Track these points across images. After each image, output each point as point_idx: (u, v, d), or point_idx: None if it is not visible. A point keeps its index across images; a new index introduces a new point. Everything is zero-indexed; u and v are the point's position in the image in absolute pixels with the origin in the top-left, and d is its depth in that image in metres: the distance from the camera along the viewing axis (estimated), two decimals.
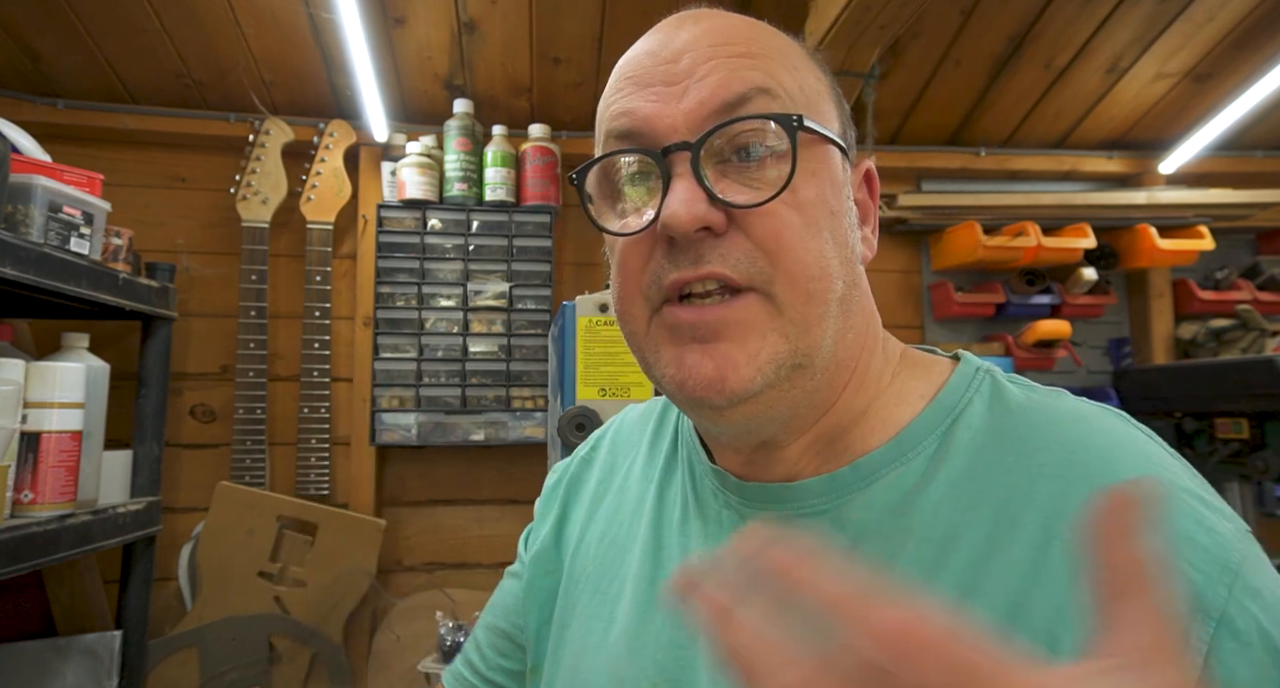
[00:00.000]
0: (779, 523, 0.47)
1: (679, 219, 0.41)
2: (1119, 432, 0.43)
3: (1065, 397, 0.46)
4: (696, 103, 0.43)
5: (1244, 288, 2.13)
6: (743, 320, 0.42)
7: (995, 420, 0.45)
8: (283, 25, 1.64)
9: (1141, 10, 1.70)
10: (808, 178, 0.44)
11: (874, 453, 0.46)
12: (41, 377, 1.15)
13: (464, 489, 1.92)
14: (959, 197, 2.05)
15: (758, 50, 0.45)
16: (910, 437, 0.46)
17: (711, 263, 0.42)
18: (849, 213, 0.47)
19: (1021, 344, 2.03)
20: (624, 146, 0.45)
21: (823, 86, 0.48)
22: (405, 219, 1.86)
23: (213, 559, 1.65)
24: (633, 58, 0.48)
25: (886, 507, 0.44)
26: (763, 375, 0.42)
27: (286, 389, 1.85)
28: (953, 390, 0.47)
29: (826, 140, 0.45)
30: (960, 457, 0.44)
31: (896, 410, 0.48)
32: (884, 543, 0.43)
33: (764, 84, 0.43)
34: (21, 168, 1.16)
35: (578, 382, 1.13)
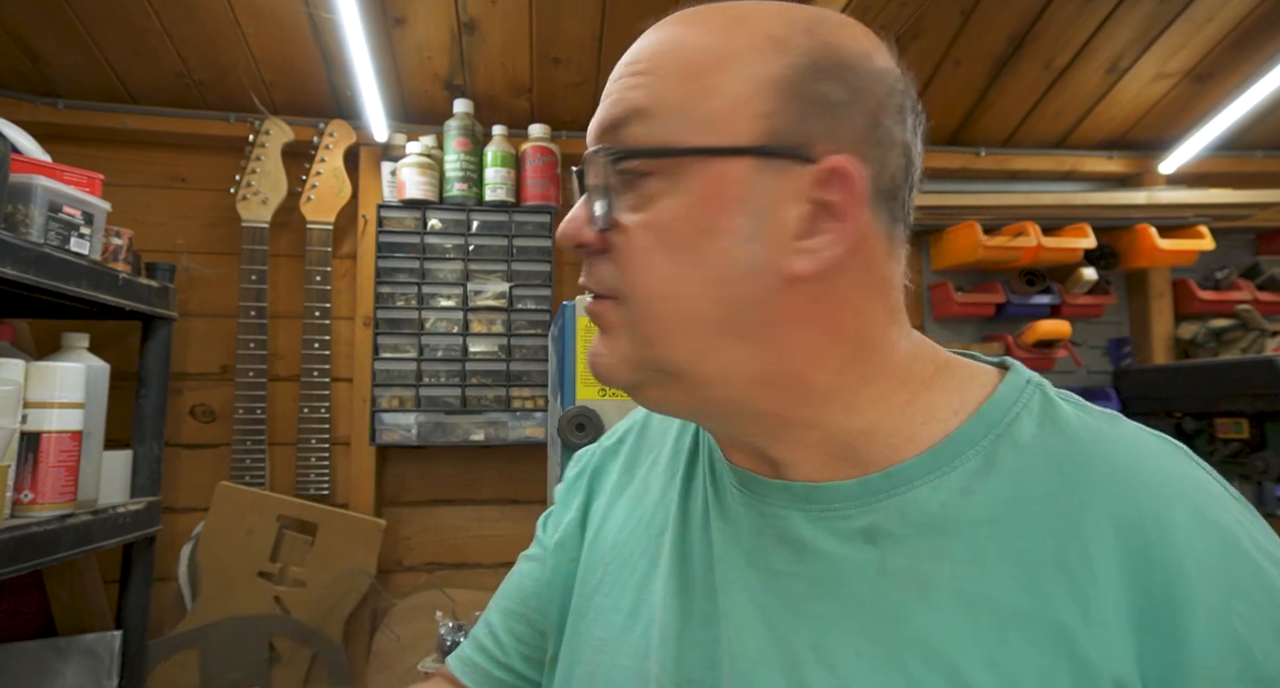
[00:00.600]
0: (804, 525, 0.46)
1: (560, 237, 0.48)
2: (1176, 469, 0.41)
3: (1121, 423, 0.44)
4: (596, 123, 0.47)
5: (1244, 288, 2.13)
6: (606, 318, 0.47)
7: (1046, 441, 0.43)
8: (283, 25, 1.64)
9: (1141, 10, 1.70)
10: (676, 197, 0.43)
11: (907, 463, 0.44)
12: (41, 377, 1.15)
13: (464, 489, 1.92)
14: (959, 197, 2.05)
15: (655, 66, 0.45)
16: (949, 449, 0.44)
17: (588, 277, 0.49)
18: (741, 228, 0.42)
19: (1021, 344, 2.03)
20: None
21: (749, 86, 0.43)
22: (405, 219, 1.86)
23: (213, 559, 1.65)
24: None
25: (922, 522, 0.43)
26: (622, 372, 0.47)
27: (286, 389, 1.85)
28: (998, 404, 0.45)
29: (714, 153, 0.42)
30: (1005, 477, 0.42)
31: (924, 428, 0.46)
32: (918, 561, 0.42)
33: (641, 104, 0.44)
34: (21, 168, 1.16)
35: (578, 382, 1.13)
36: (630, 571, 0.54)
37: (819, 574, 0.45)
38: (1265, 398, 1.65)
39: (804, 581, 0.45)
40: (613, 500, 0.60)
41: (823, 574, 0.45)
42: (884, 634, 0.41)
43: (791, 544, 0.46)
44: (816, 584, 0.45)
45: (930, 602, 0.41)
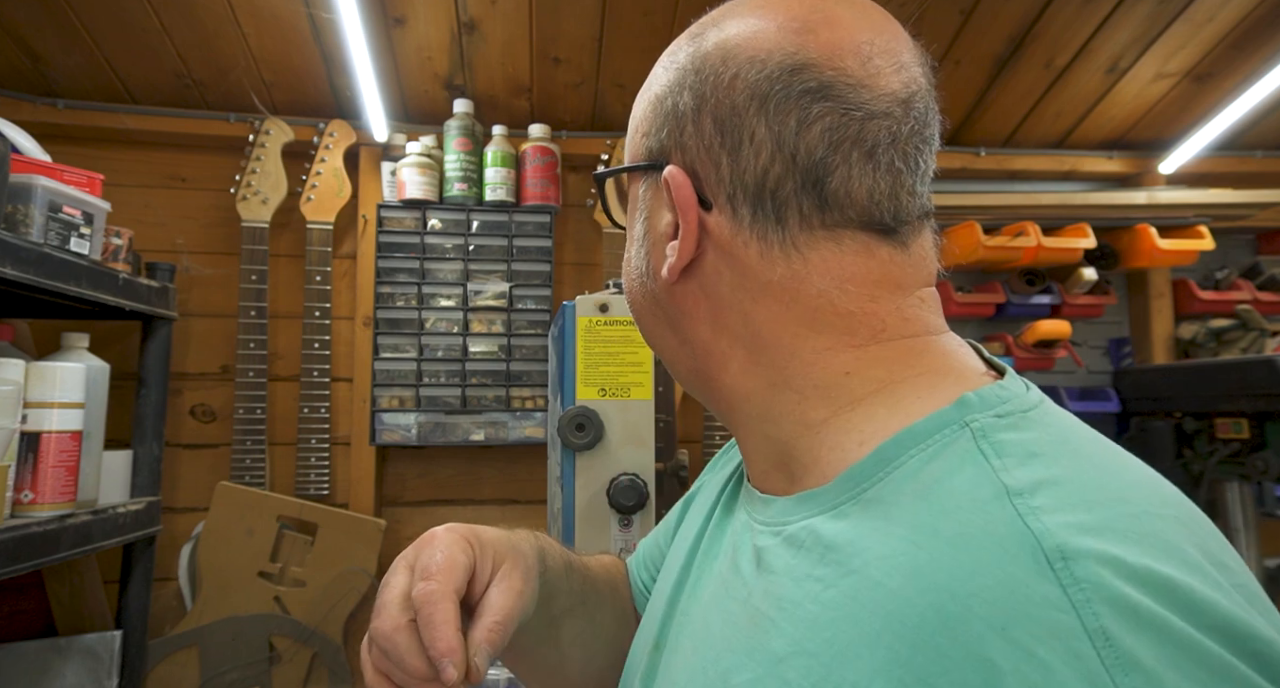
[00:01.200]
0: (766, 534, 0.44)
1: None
2: (982, 583, 0.30)
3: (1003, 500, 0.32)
4: None
5: (1244, 288, 2.13)
6: None
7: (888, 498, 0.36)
8: (283, 25, 1.64)
9: (1141, 10, 1.70)
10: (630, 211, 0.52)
11: (809, 492, 0.41)
12: (41, 377, 1.15)
13: (464, 489, 1.92)
14: (959, 196, 2.05)
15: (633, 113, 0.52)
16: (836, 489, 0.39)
17: None
18: (637, 234, 0.51)
19: (1021, 344, 2.03)
20: None
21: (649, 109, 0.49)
22: (405, 219, 1.86)
23: (213, 559, 1.65)
24: None
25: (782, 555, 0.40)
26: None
27: (286, 389, 1.85)
28: (900, 442, 0.38)
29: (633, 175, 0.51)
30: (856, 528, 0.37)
31: (830, 454, 0.41)
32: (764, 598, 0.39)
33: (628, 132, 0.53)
34: (21, 168, 1.16)
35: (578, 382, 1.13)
36: (667, 572, 0.57)
37: (730, 591, 0.44)
38: (1265, 398, 1.65)
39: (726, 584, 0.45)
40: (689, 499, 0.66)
41: (730, 591, 0.44)
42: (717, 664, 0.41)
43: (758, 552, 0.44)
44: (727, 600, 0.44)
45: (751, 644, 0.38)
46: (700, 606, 0.48)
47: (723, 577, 0.46)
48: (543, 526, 1.88)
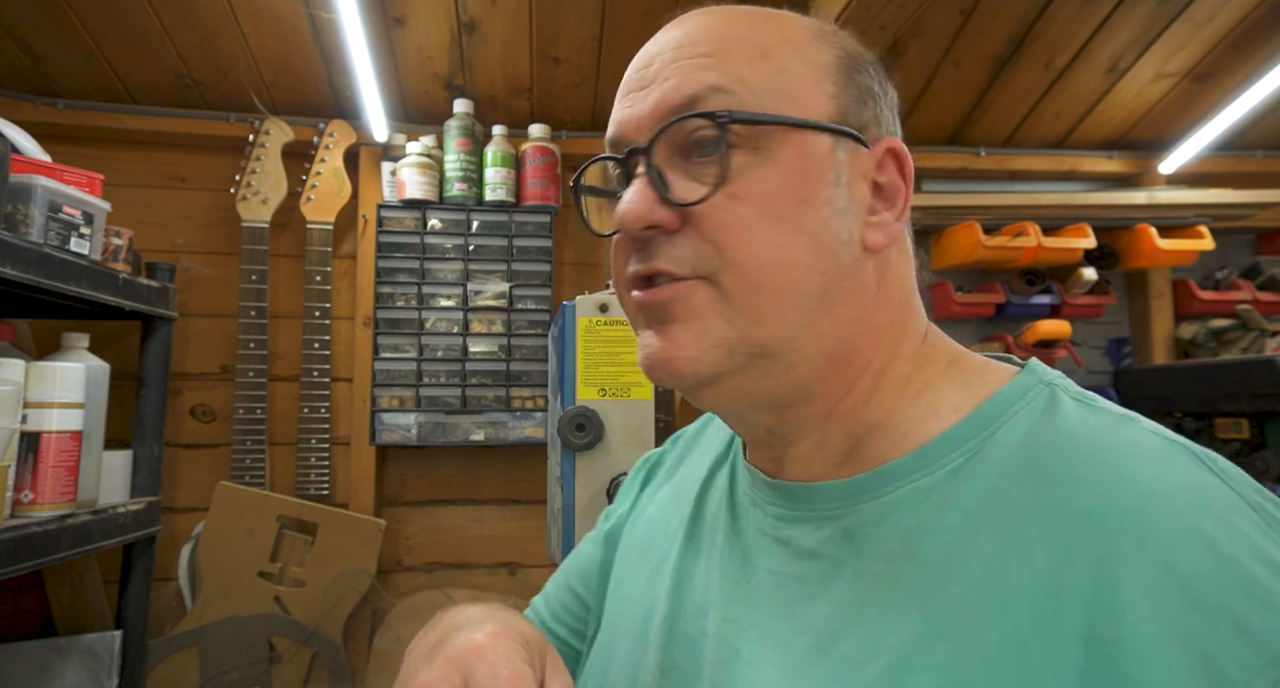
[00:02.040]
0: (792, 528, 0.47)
1: (624, 220, 0.44)
2: (1175, 475, 0.37)
3: (1128, 424, 0.41)
4: (653, 105, 0.45)
5: (1244, 288, 2.13)
6: (687, 301, 0.43)
7: (1036, 441, 0.41)
8: (283, 25, 1.64)
9: (1141, 10, 1.70)
10: (767, 168, 0.43)
11: (896, 462, 0.44)
12: (41, 377, 1.15)
13: (464, 489, 1.92)
14: (959, 197, 2.05)
15: (720, 48, 0.44)
16: (938, 448, 0.43)
17: (658, 259, 0.44)
18: (834, 200, 0.44)
19: (1021, 344, 2.03)
20: (609, 153, 0.48)
21: (816, 68, 0.45)
22: (405, 219, 1.86)
23: (213, 559, 1.65)
24: (628, 69, 0.50)
25: (898, 520, 0.42)
26: (710, 359, 0.43)
27: (286, 389, 1.85)
28: (999, 402, 0.43)
29: (798, 127, 0.43)
30: (986, 478, 0.40)
31: (924, 425, 0.45)
32: (888, 562, 0.41)
33: (718, 82, 0.43)
34: (21, 168, 1.16)
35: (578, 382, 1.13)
36: (645, 562, 0.56)
37: (801, 575, 0.45)
38: (1265, 398, 1.65)
39: (788, 581, 0.45)
40: (653, 493, 0.63)
41: (804, 574, 0.45)
42: (847, 633, 0.41)
43: (785, 544, 0.47)
44: (797, 585, 0.45)
45: (895, 603, 0.40)
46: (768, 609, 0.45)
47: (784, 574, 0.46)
48: (543, 525, 1.88)
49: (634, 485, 0.67)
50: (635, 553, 0.59)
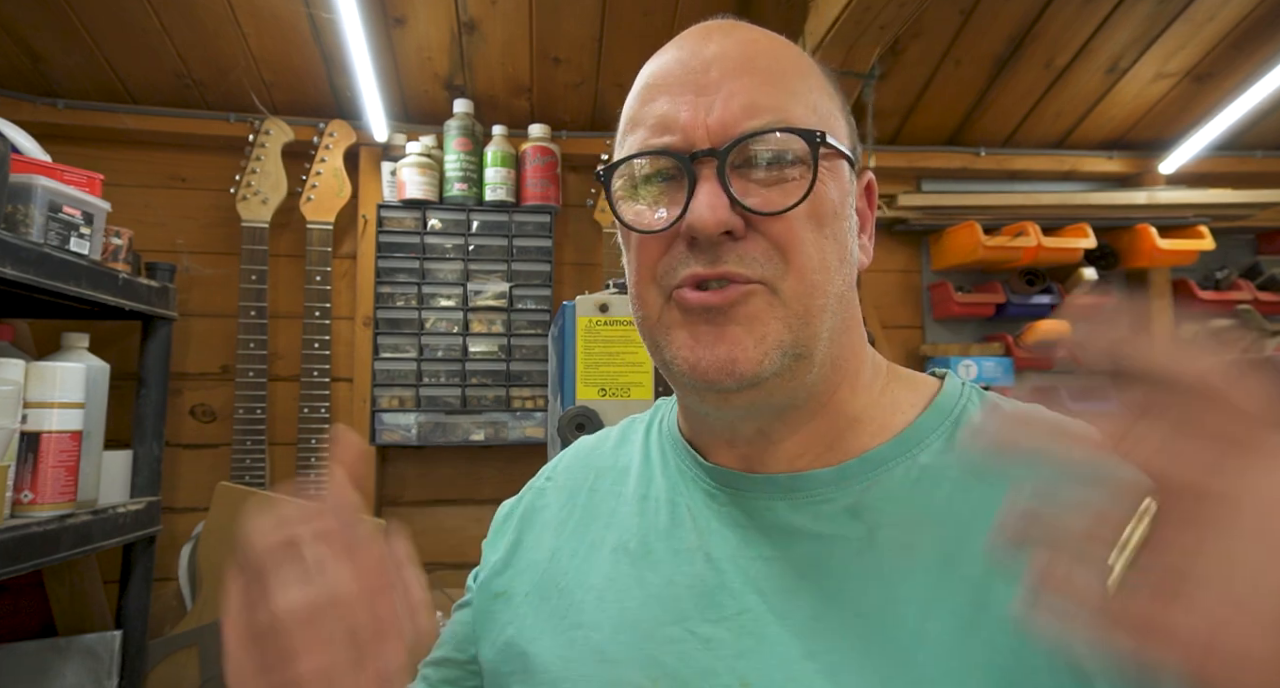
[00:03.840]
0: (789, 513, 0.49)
1: (705, 222, 0.45)
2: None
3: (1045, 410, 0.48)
4: (722, 120, 0.46)
5: (1244, 288, 2.12)
6: (749, 305, 0.46)
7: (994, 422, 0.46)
8: (283, 25, 1.64)
9: (1141, 10, 1.70)
10: (826, 185, 0.48)
11: (879, 448, 0.50)
12: (41, 377, 1.15)
13: (464, 489, 1.92)
14: (959, 197, 2.05)
15: (778, 75, 0.48)
16: (914, 435, 0.50)
17: (728, 263, 0.46)
18: (850, 219, 0.51)
19: (1021, 344, 2.03)
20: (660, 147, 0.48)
21: (835, 105, 0.52)
22: (405, 219, 1.86)
23: (213, 559, 1.65)
24: (663, 66, 0.50)
25: (901, 496, 0.47)
26: (770, 360, 0.46)
27: (286, 389, 1.85)
28: (948, 397, 0.52)
29: (839, 154, 0.50)
30: (964, 454, 0.48)
31: (893, 417, 0.52)
32: (903, 530, 0.46)
33: (785, 109, 0.47)
34: (21, 168, 1.16)
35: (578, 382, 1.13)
36: (586, 589, 0.54)
37: (810, 555, 0.48)
38: None
39: (797, 562, 0.48)
40: (558, 531, 0.59)
41: (814, 554, 0.47)
42: (879, 595, 0.44)
43: (779, 531, 0.49)
44: (810, 563, 0.47)
45: (919, 564, 0.45)
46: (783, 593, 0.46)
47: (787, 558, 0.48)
48: None
49: (503, 536, 0.63)
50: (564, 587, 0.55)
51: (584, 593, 0.54)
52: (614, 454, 0.63)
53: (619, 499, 0.58)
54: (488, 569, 0.62)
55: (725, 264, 0.46)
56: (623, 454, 0.62)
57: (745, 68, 0.48)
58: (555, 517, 0.61)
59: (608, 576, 0.54)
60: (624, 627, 0.51)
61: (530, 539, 0.61)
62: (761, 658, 0.45)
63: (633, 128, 0.50)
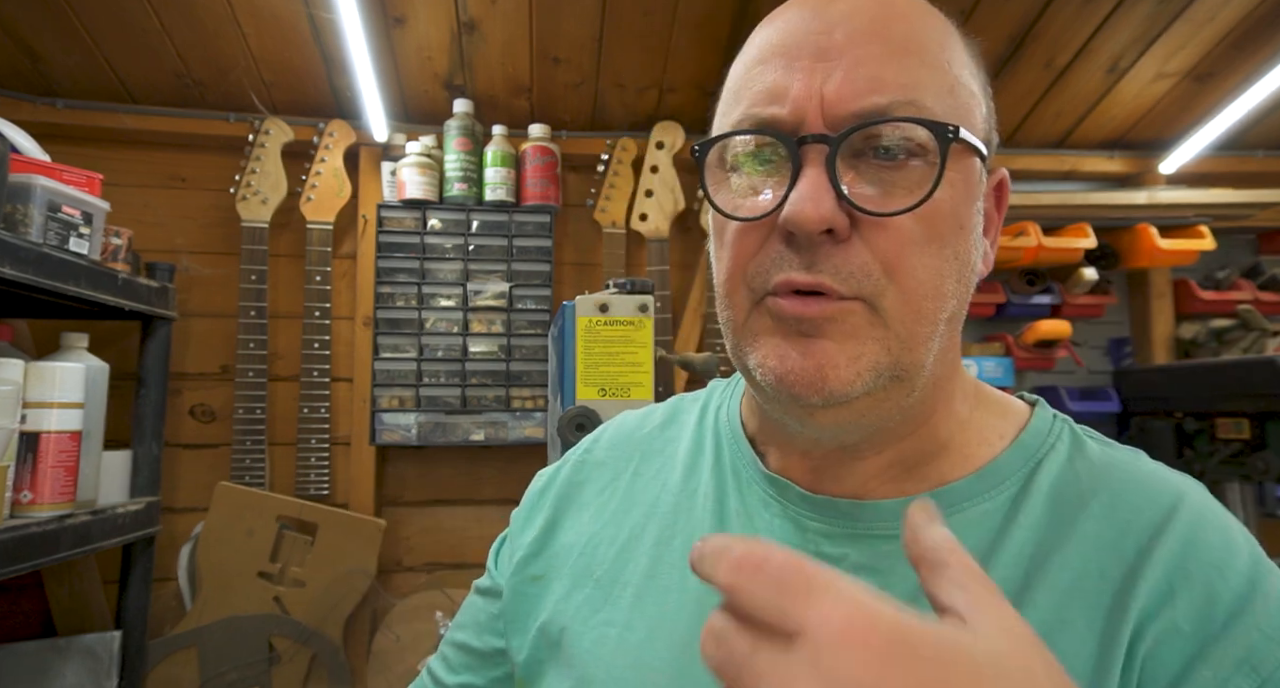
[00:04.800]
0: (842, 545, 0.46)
1: (806, 218, 0.39)
2: (1202, 499, 0.44)
3: (1143, 457, 0.47)
4: (840, 94, 0.40)
5: (1245, 288, 2.12)
6: (846, 321, 0.41)
7: (1079, 470, 0.45)
8: (283, 25, 1.64)
9: (1141, 10, 1.70)
10: (945, 189, 0.41)
11: (956, 484, 0.45)
12: (41, 377, 1.15)
13: (464, 489, 1.92)
14: None
15: (915, 45, 0.41)
16: (994, 473, 0.46)
17: (824, 273, 0.40)
18: (976, 226, 0.44)
19: (1022, 344, 2.03)
20: (764, 123, 0.42)
21: (976, 85, 0.44)
22: (405, 219, 1.86)
23: (212, 559, 1.65)
24: (782, 26, 0.43)
25: (966, 540, 0.42)
26: (862, 380, 0.41)
27: (286, 389, 1.85)
28: (1035, 434, 0.47)
29: (972, 151, 0.42)
30: (1041, 501, 0.44)
31: (978, 449, 0.47)
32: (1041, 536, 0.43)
33: (916, 88, 0.40)
34: (21, 168, 1.16)
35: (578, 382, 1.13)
36: (625, 582, 0.51)
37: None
38: (1266, 398, 1.65)
39: None
40: (598, 513, 0.56)
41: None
42: None
43: (830, 561, 0.45)
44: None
45: None
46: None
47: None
48: None
49: (540, 511, 0.60)
50: (599, 576, 0.53)
51: (621, 589, 0.51)
52: (660, 436, 0.58)
53: (663, 488, 0.54)
54: (523, 551, 0.58)
55: (822, 273, 0.40)
56: (670, 437, 0.58)
57: (877, 33, 0.41)
58: (595, 497, 0.57)
59: (647, 572, 0.51)
60: (660, 632, 0.48)
61: (569, 520, 0.57)
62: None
63: (737, 97, 0.44)
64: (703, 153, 0.45)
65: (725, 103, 0.46)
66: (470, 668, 0.59)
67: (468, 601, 0.62)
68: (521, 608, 0.56)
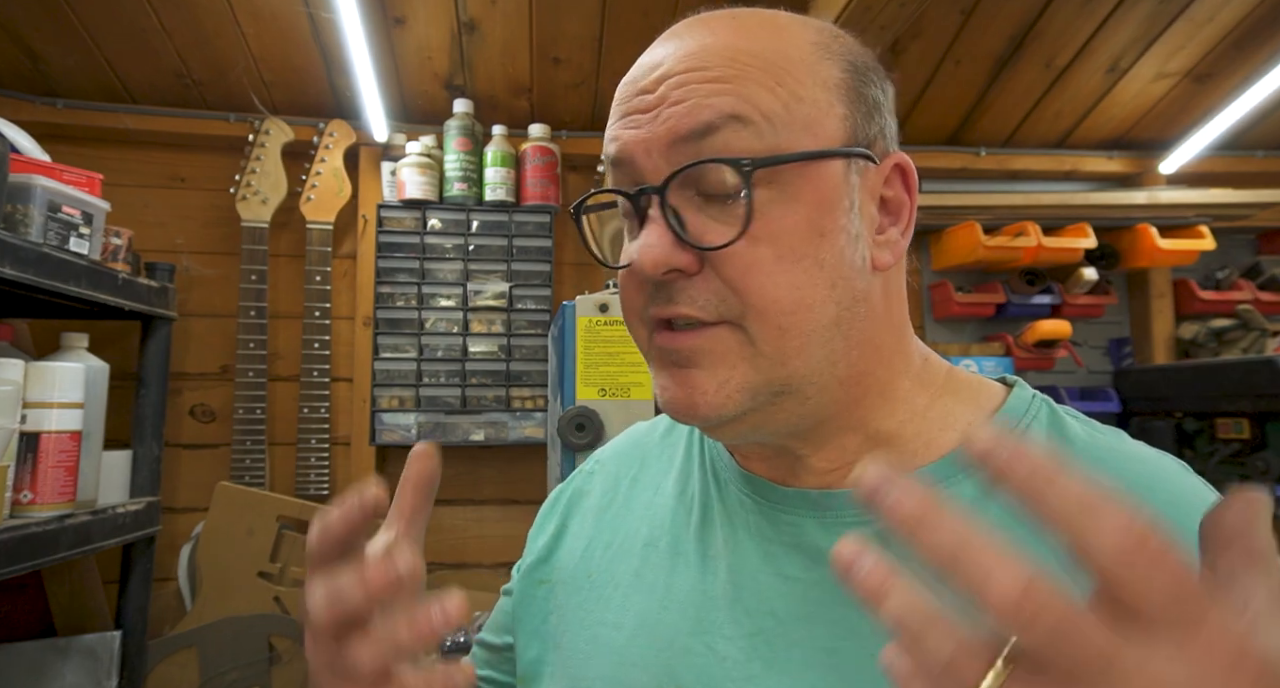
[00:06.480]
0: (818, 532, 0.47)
1: (642, 266, 0.42)
2: (1185, 480, 0.45)
3: (1125, 437, 0.47)
4: (665, 129, 0.43)
5: (1244, 288, 2.12)
6: (712, 349, 0.43)
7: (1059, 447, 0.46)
8: (283, 25, 1.64)
9: (1141, 10, 1.70)
10: (785, 205, 0.42)
11: (923, 470, 0.46)
12: (41, 377, 1.15)
13: (464, 489, 1.92)
14: (959, 196, 2.05)
15: (735, 72, 0.43)
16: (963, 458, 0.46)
17: (679, 304, 0.43)
18: (849, 227, 0.44)
19: (1021, 344, 2.03)
20: (616, 175, 0.46)
21: (827, 90, 0.45)
22: (405, 219, 1.86)
23: (212, 559, 1.65)
24: (625, 81, 0.47)
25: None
26: (734, 402, 0.43)
27: (286, 389, 1.85)
28: (1010, 415, 0.48)
29: (819, 158, 0.43)
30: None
31: (941, 434, 0.48)
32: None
33: (735, 110, 0.42)
34: (21, 168, 1.16)
35: (577, 382, 1.13)
36: (616, 583, 0.53)
37: (833, 581, 0.45)
38: (1266, 398, 1.65)
39: (818, 587, 0.45)
40: (599, 519, 0.59)
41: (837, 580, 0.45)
42: None
43: (805, 551, 0.47)
44: (831, 590, 0.45)
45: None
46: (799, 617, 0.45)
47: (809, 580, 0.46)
48: None
49: (550, 520, 0.63)
50: (596, 578, 0.55)
51: (611, 589, 0.53)
52: (662, 443, 0.61)
53: (657, 492, 0.57)
54: (533, 556, 0.61)
55: (676, 305, 0.43)
56: (670, 444, 0.60)
57: (694, 73, 0.43)
58: (597, 503, 0.60)
59: (635, 571, 0.52)
60: (644, 630, 0.49)
61: (574, 526, 0.60)
62: (768, 686, 0.44)
63: (605, 153, 0.48)
64: (577, 213, 0.49)
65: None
66: (490, 664, 0.62)
67: (497, 604, 0.66)
68: (528, 610, 0.58)
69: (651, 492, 0.57)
